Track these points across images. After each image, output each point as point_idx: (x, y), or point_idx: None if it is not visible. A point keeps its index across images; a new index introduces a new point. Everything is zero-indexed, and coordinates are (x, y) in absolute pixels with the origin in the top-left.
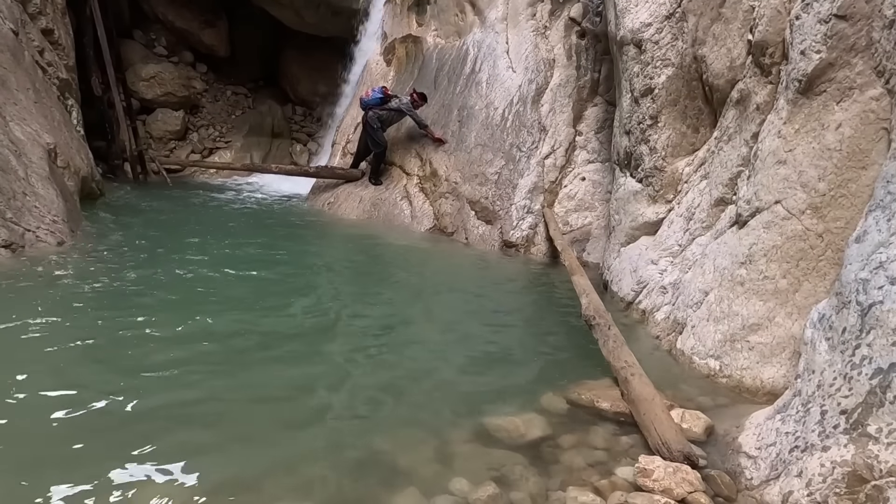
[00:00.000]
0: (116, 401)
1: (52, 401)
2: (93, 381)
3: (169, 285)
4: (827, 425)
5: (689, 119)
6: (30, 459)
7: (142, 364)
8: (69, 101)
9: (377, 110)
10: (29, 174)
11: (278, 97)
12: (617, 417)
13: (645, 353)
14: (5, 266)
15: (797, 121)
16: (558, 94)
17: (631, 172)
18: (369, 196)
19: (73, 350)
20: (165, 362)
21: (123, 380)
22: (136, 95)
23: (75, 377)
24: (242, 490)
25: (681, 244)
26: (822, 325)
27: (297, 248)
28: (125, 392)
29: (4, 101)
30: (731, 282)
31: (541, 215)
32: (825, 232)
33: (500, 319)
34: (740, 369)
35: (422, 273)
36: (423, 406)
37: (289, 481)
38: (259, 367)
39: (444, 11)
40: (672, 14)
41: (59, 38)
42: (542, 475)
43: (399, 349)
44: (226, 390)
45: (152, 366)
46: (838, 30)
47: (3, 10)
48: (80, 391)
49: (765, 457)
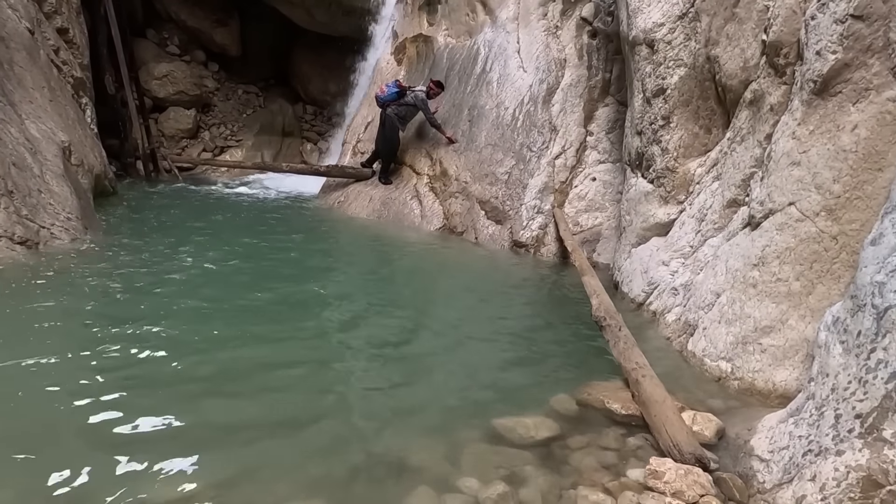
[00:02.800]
0: (121, 396)
1: (58, 401)
2: (103, 374)
3: (180, 283)
4: (841, 429)
5: (701, 119)
6: (26, 457)
7: (150, 361)
8: (83, 99)
9: (395, 107)
10: (44, 172)
11: (289, 96)
12: (627, 419)
13: (656, 354)
14: (21, 262)
15: (812, 122)
16: (569, 94)
17: (642, 173)
18: (379, 195)
19: (81, 348)
20: (175, 360)
21: (123, 372)
22: (148, 94)
23: (82, 379)
24: (254, 487)
25: (692, 245)
26: (836, 329)
27: (306, 248)
28: (130, 388)
29: (20, 99)
30: (744, 284)
31: (551, 215)
32: (840, 234)
33: (509, 320)
34: (752, 372)
35: (432, 272)
36: (433, 406)
37: (300, 479)
38: (269, 367)
39: (455, 11)
40: (685, 14)
41: (74, 37)
42: (553, 475)
43: (408, 349)
44: (235, 389)
45: (163, 362)
46: (854, 30)
47: (19, 9)
48: (89, 389)
49: (777, 460)
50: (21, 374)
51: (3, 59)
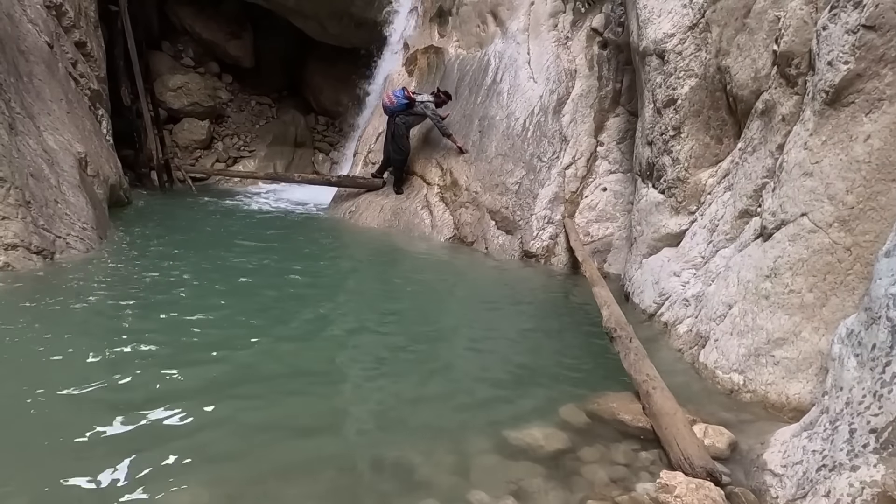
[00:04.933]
0: (132, 397)
1: (71, 407)
2: (113, 382)
3: (193, 295)
4: (856, 444)
5: (712, 130)
6: (34, 465)
7: (160, 370)
8: (99, 110)
9: (403, 116)
10: (61, 182)
11: (301, 107)
12: (638, 431)
13: (667, 366)
14: (37, 271)
15: (824, 132)
16: (580, 105)
17: (653, 183)
18: (390, 205)
19: (94, 356)
20: (185, 369)
21: (139, 381)
22: (163, 105)
23: (93, 386)
24: (262, 496)
25: (704, 256)
26: (850, 341)
27: (318, 258)
28: (138, 395)
29: (39, 111)
30: (756, 295)
31: (561, 225)
32: (853, 245)
33: (519, 330)
34: (765, 384)
35: (442, 282)
36: (442, 417)
37: (308, 490)
38: (278, 376)
39: (465, 22)
40: (695, 24)
41: (92, 51)
42: (562, 488)
43: (418, 359)
44: (243, 400)
45: (173, 371)
46: (867, 40)
47: (39, 23)
48: (99, 396)
49: (791, 475)
50: (34, 379)
51: (23, 72)
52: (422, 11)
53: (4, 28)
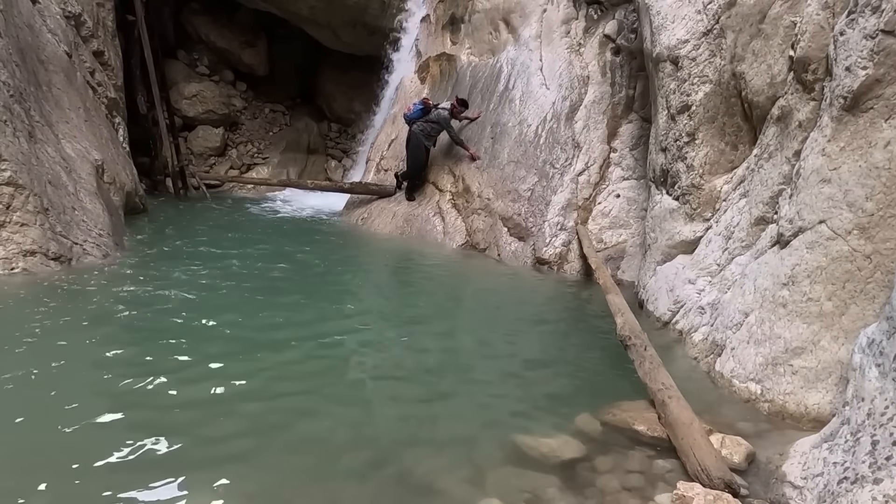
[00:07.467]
0: (153, 402)
1: (83, 414)
2: (124, 388)
3: (205, 299)
4: (879, 456)
5: (727, 136)
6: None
7: (175, 378)
8: (116, 118)
9: (421, 123)
10: (78, 189)
11: (314, 114)
12: (654, 441)
13: (682, 374)
14: (54, 277)
15: (842, 138)
16: (592, 111)
17: (667, 190)
18: (402, 212)
19: (108, 361)
20: (198, 378)
21: (159, 389)
22: (178, 113)
23: (106, 391)
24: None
25: (719, 263)
26: (871, 351)
27: (331, 263)
28: (150, 404)
29: (57, 119)
30: (773, 303)
31: (574, 232)
32: (873, 253)
33: (533, 338)
34: (783, 394)
35: (454, 289)
36: (457, 425)
37: (321, 498)
38: (291, 382)
39: (478, 30)
40: (710, 30)
41: (109, 60)
42: (577, 498)
43: (431, 367)
44: (256, 408)
45: (184, 378)
46: (885, 45)
47: (58, 33)
48: (112, 402)
49: (811, 487)
50: (45, 386)
51: (43, 81)
52: (434, 19)
53: (25, 38)
